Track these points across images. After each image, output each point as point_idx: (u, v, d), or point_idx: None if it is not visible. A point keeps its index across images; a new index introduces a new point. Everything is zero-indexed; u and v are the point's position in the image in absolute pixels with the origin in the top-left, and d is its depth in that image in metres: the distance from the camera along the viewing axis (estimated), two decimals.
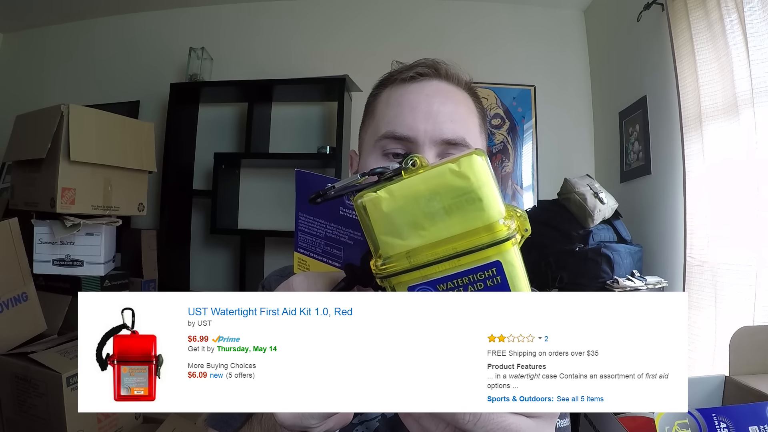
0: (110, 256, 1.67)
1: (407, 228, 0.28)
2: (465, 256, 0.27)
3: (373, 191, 0.28)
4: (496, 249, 0.27)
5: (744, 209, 1.31)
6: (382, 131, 0.53)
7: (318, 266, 0.42)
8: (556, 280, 1.61)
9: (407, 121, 0.51)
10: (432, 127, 0.51)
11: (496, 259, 0.27)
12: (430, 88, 0.53)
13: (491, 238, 0.27)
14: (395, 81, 0.55)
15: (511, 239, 0.27)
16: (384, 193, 0.28)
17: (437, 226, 0.27)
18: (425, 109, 0.51)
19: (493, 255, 0.27)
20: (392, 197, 0.28)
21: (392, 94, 0.54)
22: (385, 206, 0.28)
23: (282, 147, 2.40)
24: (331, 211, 0.39)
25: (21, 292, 1.35)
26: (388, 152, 0.52)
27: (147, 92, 2.54)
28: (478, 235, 0.27)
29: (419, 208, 0.28)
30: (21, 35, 2.74)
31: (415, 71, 0.54)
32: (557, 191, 1.82)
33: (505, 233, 0.27)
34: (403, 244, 0.28)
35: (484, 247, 0.27)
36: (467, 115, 0.54)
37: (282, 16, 2.53)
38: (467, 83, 0.57)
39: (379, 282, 0.29)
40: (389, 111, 0.53)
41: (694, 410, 0.80)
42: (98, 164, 1.54)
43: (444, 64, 0.55)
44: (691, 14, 1.50)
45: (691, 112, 1.54)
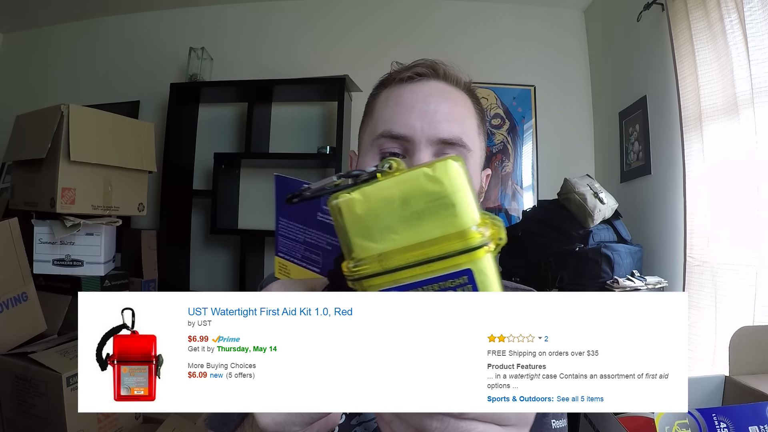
0: (110, 256, 1.67)
1: (380, 231, 0.28)
2: (436, 262, 0.26)
3: (347, 193, 0.28)
4: (468, 256, 0.26)
5: (744, 209, 1.31)
6: (379, 130, 0.53)
7: (298, 271, 0.42)
8: (556, 280, 1.61)
9: (404, 119, 0.51)
10: (428, 126, 0.50)
11: (468, 267, 0.26)
12: (428, 88, 0.53)
13: (463, 245, 0.26)
14: (394, 81, 0.55)
15: (484, 247, 0.26)
16: (358, 195, 0.28)
17: (410, 231, 0.27)
18: (422, 108, 0.51)
19: (465, 262, 0.26)
20: (366, 199, 0.28)
21: (390, 94, 0.54)
22: (358, 208, 0.28)
23: (282, 147, 2.40)
24: (309, 216, 0.39)
25: (21, 292, 1.35)
26: (385, 152, 0.52)
27: (147, 92, 2.54)
28: (450, 241, 0.26)
29: (393, 211, 0.27)
30: (21, 35, 2.74)
31: (414, 71, 0.54)
32: (557, 191, 1.82)
33: (477, 241, 0.26)
34: (375, 247, 0.28)
35: (456, 253, 0.26)
36: (465, 115, 0.54)
37: (283, 16, 2.53)
38: (466, 84, 0.56)
39: (350, 285, 0.28)
40: (387, 110, 0.53)
41: (694, 410, 0.80)
42: (98, 164, 1.54)
43: (442, 64, 0.55)
44: (691, 14, 1.50)
45: (691, 112, 1.54)
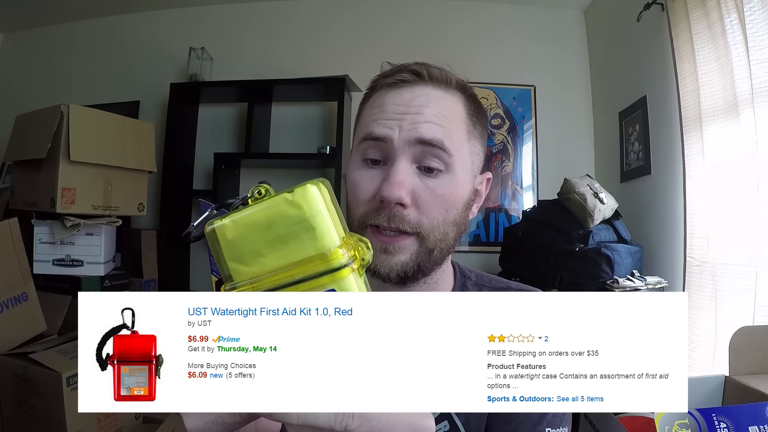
0: (110, 256, 1.67)
1: (250, 255, 0.29)
2: (302, 283, 0.28)
3: (219, 219, 0.30)
4: (331, 277, 0.28)
5: (744, 209, 1.31)
6: (362, 134, 0.52)
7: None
8: (556, 280, 1.61)
9: (384, 121, 0.50)
10: (408, 126, 0.49)
11: (332, 287, 0.28)
12: (411, 93, 0.52)
13: (325, 266, 0.28)
14: (379, 86, 0.54)
15: (346, 267, 0.28)
16: (228, 221, 0.30)
17: (276, 254, 0.29)
18: (403, 110, 0.50)
19: (329, 283, 0.28)
20: (235, 225, 0.30)
21: (376, 99, 0.54)
22: (229, 234, 0.30)
23: (282, 147, 2.40)
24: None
25: (21, 292, 1.35)
26: (367, 158, 0.51)
27: (147, 92, 2.54)
28: (312, 263, 0.28)
29: (259, 236, 0.29)
30: (21, 35, 2.74)
31: (397, 78, 0.52)
32: (557, 191, 1.82)
33: (338, 262, 0.28)
34: (247, 270, 0.29)
35: (318, 275, 0.28)
36: (450, 118, 0.52)
37: (283, 16, 2.53)
38: (459, 82, 0.54)
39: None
40: (371, 114, 0.53)
41: (694, 410, 0.80)
42: (98, 164, 1.54)
43: (427, 66, 0.53)
44: (691, 14, 1.50)
45: (691, 112, 1.54)
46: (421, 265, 0.50)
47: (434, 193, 0.49)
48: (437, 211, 0.50)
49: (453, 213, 0.51)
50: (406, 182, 0.48)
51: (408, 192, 0.48)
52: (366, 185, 0.51)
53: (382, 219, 0.48)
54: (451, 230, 0.52)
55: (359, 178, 0.51)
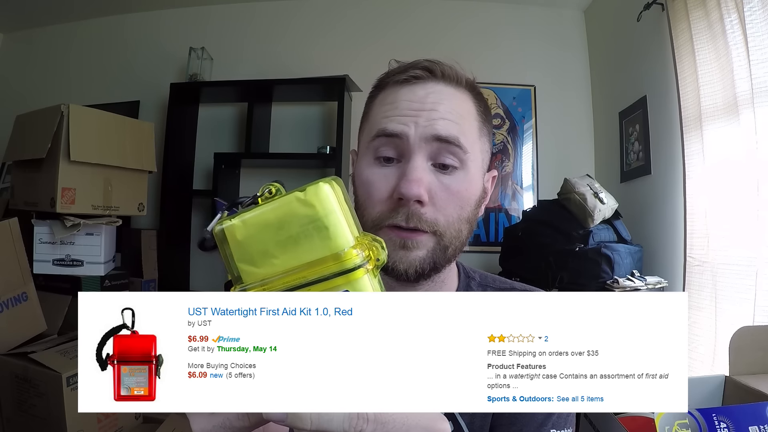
0: (110, 256, 1.67)
1: (260, 256, 0.28)
2: (314, 285, 0.27)
3: (228, 219, 0.29)
4: (345, 278, 0.27)
5: (744, 209, 1.31)
6: (374, 131, 0.51)
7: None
8: (556, 280, 1.61)
9: (398, 118, 0.50)
10: (424, 123, 0.49)
11: (346, 288, 0.27)
12: (425, 89, 0.51)
13: (339, 267, 0.27)
14: (390, 83, 0.53)
15: (360, 268, 0.27)
16: (238, 221, 0.29)
17: (288, 255, 0.28)
18: (418, 107, 0.50)
19: (343, 284, 0.27)
20: (245, 225, 0.28)
21: (387, 96, 0.53)
22: (238, 234, 0.28)
23: (282, 147, 2.40)
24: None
25: (21, 292, 1.35)
26: (380, 156, 0.51)
27: (147, 92, 2.54)
28: (326, 263, 0.27)
29: (270, 236, 0.28)
30: (21, 35, 2.74)
31: (410, 74, 0.52)
32: (557, 191, 1.82)
33: (352, 262, 0.27)
34: (258, 272, 0.28)
35: (332, 276, 0.27)
36: (464, 116, 0.52)
37: (283, 16, 2.53)
38: (468, 81, 0.54)
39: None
40: (382, 110, 0.52)
41: (694, 410, 0.80)
42: (98, 164, 1.54)
43: (440, 64, 0.53)
44: (691, 14, 1.50)
45: (691, 112, 1.54)
46: (436, 263, 0.50)
47: (449, 190, 0.49)
48: (452, 208, 0.49)
49: (467, 210, 0.51)
50: (424, 179, 0.48)
51: (426, 189, 0.48)
52: (381, 184, 0.49)
53: (400, 219, 0.47)
54: (464, 227, 0.51)
55: (372, 177, 0.50)
